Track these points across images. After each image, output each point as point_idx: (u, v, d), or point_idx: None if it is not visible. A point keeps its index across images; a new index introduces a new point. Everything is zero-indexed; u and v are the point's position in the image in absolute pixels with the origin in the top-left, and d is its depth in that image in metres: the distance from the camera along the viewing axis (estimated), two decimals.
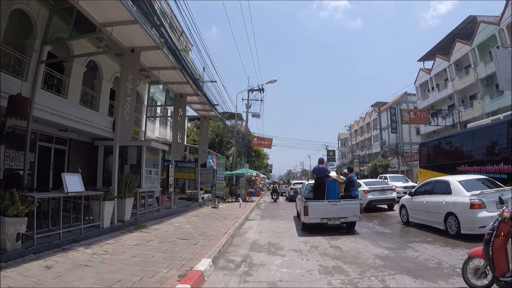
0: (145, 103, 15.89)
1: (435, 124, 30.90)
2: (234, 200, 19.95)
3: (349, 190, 9.32)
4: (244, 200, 20.12)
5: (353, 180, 9.52)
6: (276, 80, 25.06)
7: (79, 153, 12.29)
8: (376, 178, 22.62)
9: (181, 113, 12.53)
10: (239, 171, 22.02)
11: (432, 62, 34.64)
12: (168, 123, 25.16)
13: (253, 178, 28.08)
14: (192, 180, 16.93)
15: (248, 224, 10.81)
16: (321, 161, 10.39)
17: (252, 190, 23.38)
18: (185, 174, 16.41)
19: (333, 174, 10.53)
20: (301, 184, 16.50)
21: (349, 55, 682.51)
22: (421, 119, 29.88)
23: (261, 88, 29.07)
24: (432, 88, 34.85)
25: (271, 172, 71.90)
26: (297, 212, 11.73)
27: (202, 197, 16.28)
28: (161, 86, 18.40)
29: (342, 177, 10.21)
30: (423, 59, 37.93)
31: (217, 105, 15.02)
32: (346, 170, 10.82)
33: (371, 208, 13.01)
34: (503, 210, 3.69)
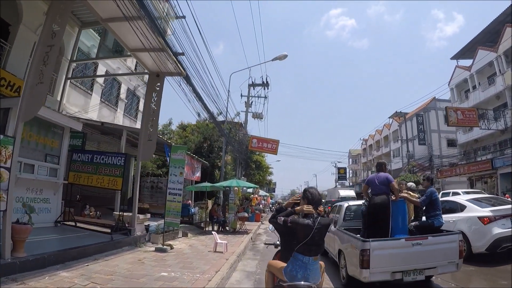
0: (68, 57, 9.60)
1: (487, 128, 24.28)
2: (218, 228, 12.70)
3: (431, 215, 5.34)
4: (234, 230, 12.84)
5: (436, 198, 5.51)
6: (286, 56, 17.94)
7: None
8: None
9: (59, 20, 5.31)
10: (224, 183, 14.07)
11: (472, 59, 28.35)
12: (139, 115, 17.20)
13: (251, 196, 20.75)
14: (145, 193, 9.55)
15: None
16: (381, 165, 5.67)
17: (246, 214, 14.76)
18: (104, 178, 7.93)
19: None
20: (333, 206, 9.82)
21: (358, 74, 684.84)
22: (470, 121, 23.21)
23: (265, 82, 22.14)
24: (474, 87, 28.36)
25: (274, 191, 63.73)
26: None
27: (147, 226, 8.60)
28: (110, 41, 11.44)
29: (413, 194, 5.82)
30: (457, 56, 31.75)
31: (183, 54, 8.04)
32: (423, 180, 6.33)
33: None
34: None
